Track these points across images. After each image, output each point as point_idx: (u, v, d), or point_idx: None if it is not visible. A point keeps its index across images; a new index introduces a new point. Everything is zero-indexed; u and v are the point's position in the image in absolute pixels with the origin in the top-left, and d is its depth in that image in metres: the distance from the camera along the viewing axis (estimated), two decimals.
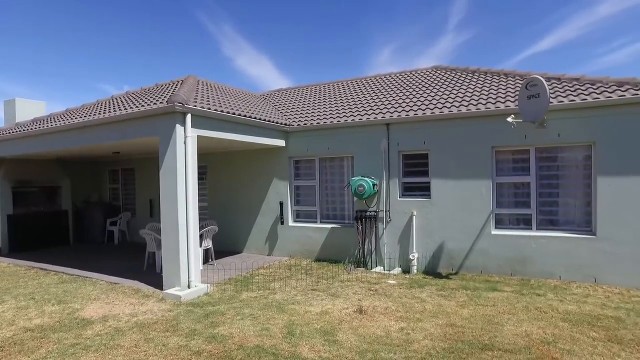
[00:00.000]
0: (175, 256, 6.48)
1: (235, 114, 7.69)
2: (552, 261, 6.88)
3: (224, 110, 7.49)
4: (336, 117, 9.15)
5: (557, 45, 40.05)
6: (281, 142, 9.31)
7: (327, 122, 9.01)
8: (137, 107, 7.67)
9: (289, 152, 9.49)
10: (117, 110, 8.05)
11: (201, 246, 7.98)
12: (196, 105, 6.92)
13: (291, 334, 4.67)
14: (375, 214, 8.36)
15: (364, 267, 8.20)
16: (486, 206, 7.39)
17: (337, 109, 9.82)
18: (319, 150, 9.15)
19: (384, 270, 8.04)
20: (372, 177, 8.31)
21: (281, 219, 9.60)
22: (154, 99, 8.26)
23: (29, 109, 12.40)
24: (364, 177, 8.26)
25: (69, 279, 7.65)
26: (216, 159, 10.56)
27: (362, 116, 8.73)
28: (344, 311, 5.44)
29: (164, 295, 6.35)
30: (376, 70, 45.85)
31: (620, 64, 38.28)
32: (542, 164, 7.13)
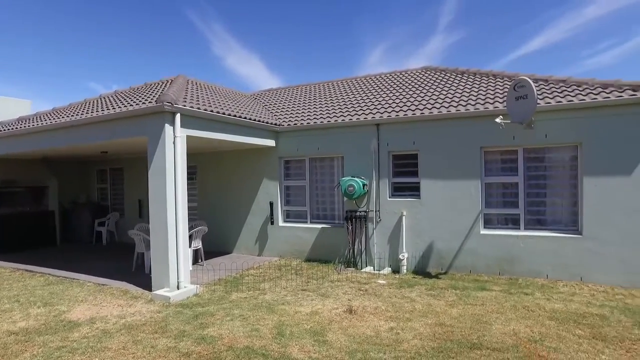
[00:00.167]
0: (164, 257, 6.43)
1: (225, 113, 7.65)
2: (540, 260, 6.97)
3: (213, 110, 7.45)
4: (326, 117, 9.16)
5: (545, 46, 40.68)
6: (271, 142, 9.29)
7: (317, 122, 9.02)
8: (125, 106, 7.59)
9: (279, 152, 9.48)
10: (105, 109, 7.95)
11: (190, 247, 7.93)
12: (185, 104, 6.87)
13: (281, 334, 4.66)
14: (365, 214, 8.39)
15: (354, 267, 8.23)
16: (475, 206, 7.46)
17: (327, 109, 9.83)
18: (309, 150, 9.15)
19: (374, 270, 8.07)
20: (362, 178, 8.33)
21: (271, 219, 9.58)
22: (143, 98, 8.18)
23: (14, 108, 12.23)
24: (354, 177, 8.28)
25: (55, 281, 7.53)
26: (206, 159, 10.49)
27: (353, 116, 8.75)
28: (334, 311, 5.45)
29: (152, 296, 6.29)
30: (367, 70, 46.09)
31: (605, 65, 39.06)
32: (530, 164, 7.22)
